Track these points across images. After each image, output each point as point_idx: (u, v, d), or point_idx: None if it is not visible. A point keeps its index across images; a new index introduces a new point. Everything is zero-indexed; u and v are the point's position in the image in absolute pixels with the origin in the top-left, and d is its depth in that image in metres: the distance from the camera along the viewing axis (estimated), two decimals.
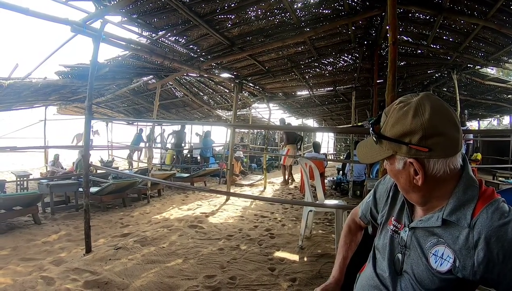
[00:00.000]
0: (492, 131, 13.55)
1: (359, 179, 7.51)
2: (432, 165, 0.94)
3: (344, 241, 1.44)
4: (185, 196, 7.70)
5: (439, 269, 0.96)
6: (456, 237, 0.94)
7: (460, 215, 0.94)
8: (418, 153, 0.93)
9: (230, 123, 9.10)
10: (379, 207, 1.29)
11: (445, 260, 0.95)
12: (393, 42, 2.67)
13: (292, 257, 3.60)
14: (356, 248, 1.43)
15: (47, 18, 3.14)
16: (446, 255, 0.95)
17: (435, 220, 0.99)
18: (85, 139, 3.87)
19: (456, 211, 0.95)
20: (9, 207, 4.98)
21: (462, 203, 0.95)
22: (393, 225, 1.15)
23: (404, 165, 0.98)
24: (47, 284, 2.80)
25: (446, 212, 0.97)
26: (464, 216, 0.93)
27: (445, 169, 0.95)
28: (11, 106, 8.32)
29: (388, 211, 1.21)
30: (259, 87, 8.62)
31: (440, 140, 0.92)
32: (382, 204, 1.27)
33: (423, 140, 0.92)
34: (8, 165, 13.43)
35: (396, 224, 1.14)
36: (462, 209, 0.95)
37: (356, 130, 8.62)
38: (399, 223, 1.13)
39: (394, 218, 1.16)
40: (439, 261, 0.96)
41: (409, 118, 0.94)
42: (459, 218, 0.94)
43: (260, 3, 3.95)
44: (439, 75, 7.82)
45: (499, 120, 16.39)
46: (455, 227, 0.95)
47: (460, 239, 0.93)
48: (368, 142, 1.11)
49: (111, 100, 10.57)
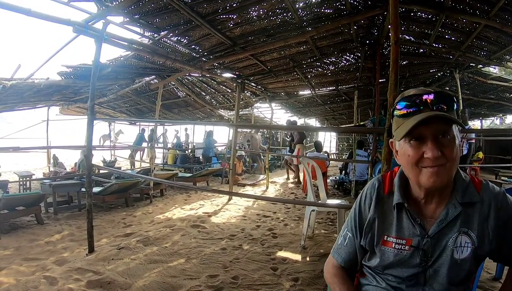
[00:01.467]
0: (494, 131, 13.49)
1: (361, 178, 7.50)
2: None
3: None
4: (187, 196, 7.71)
5: (462, 257, 1.02)
6: (472, 216, 1.04)
7: (471, 194, 1.05)
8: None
9: (233, 123, 9.10)
10: (365, 231, 1.20)
11: (464, 246, 1.02)
12: (395, 41, 2.66)
13: (294, 256, 3.60)
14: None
15: (49, 18, 3.15)
16: (464, 242, 1.02)
17: (453, 209, 1.04)
18: (87, 139, 3.87)
19: (466, 191, 1.06)
20: (12, 207, 5.00)
21: (466, 184, 1.07)
22: (395, 244, 1.10)
23: (458, 138, 1.02)
24: (50, 284, 2.81)
25: (459, 196, 1.05)
26: (473, 194, 1.05)
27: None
28: (14, 106, 8.34)
29: (378, 229, 1.15)
30: (261, 87, 8.62)
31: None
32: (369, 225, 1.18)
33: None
34: (11, 165, 13.44)
35: (399, 241, 1.09)
36: (468, 188, 1.06)
37: (359, 129, 8.60)
38: (402, 239, 1.09)
39: (393, 236, 1.11)
40: (459, 250, 1.02)
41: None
42: (471, 197, 1.05)
43: (262, 3, 3.94)
44: (441, 74, 7.79)
45: (501, 119, 16.32)
46: (469, 208, 1.04)
47: (475, 216, 1.03)
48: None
49: (114, 101, 10.60)
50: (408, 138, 1.01)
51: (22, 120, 13.70)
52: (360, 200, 1.23)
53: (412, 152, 1.01)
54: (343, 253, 1.26)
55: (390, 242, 1.11)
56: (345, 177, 8.62)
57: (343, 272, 1.27)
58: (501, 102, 10.30)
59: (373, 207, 1.17)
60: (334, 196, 7.65)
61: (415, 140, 1.00)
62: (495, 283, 2.83)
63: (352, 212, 1.26)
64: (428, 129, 0.97)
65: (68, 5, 3.40)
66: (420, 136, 0.99)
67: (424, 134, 0.98)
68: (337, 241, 1.31)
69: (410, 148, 1.01)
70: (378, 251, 1.14)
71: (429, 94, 0.99)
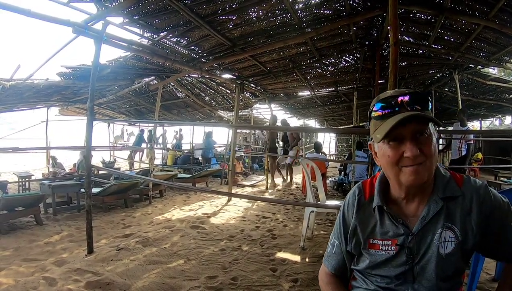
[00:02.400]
0: (494, 132, 13.50)
1: (360, 179, 7.46)
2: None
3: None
4: (186, 197, 7.71)
5: (447, 251, 1.03)
6: (454, 210, 1.05)
7: (452, 189, 1.07)
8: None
9: (232, 124, 9.10)
10: (349, 238, 1.22)
11: (448, 241, 1.03)
12: (395, 42, 2.67)
13: (293, 257, 3.60)
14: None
15: (48, 19, 3.16)
16: (448, 236, 1.04)
17: (435, 205, 1.06)
18: (86, 140, 3.88)
19: (447, 186, 1.08)
20: (11, 207, 4.99)
21: (446, 179, 1.09)
22: (382, 245, 1.12)
23: (434, 135, 1.04)
24: (49, 284, 2.81)
25: (440, 191, 1.07)
26: (454, 188, 1.07)
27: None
28: (13, 107, 8.34)
29: (361, 235, 1.17)
30: (261, 88, 8.62)
31: None
32: (352, 231, 1.21)
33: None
34: (10, 166, 13.45)
35: (385, 242, 1.11)
36: (449, 183, 1.08)
37: (358, 131, 8.61)
38: (388, 240, 1.11)
39: (378, 238, 1.13)
40: (444, 245, 1.03)
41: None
42: (452, 192, 1.07)
43: (262, 4, 3.94)
44: (440, 76, 7.80)
45: (501, 120, 16.35)
46: (451, 202, 1.06)
47: (457, 211, 1.05)
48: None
49: (113, 101, 10.60)
50: (387, 140, 1.03)
51: (22, 120, 13.68)
52: (343, 207, 1.26)
53: (392, 152, 1.03)
54: (332, 260, 1.29)
55: (376, 245, 1.13)
56: (345, 177, 8.62)
57: (335, 279, 1.29)
58: (500, 103, 10.31)
59: (355, 214, 1.20)
60: (333, 197, 7.65)
61: (393, 141, 1.02)
62: (494, 284, 2.83)
63: (337, 220, 1.28)
64: (406, 130, 1.00)
65: (68, 5, 3.40)
66: (398, 137, 1.01)
67: (402, 135, 1.01)
68: (327, 249, 1.33)
69: (389, 149, 1.03)
70: (365, 253, 1.17)
71: (404, 96, 1.02)
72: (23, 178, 8.19)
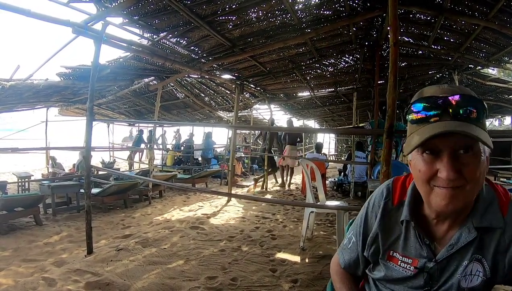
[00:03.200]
0: (493, 132, 13.50)
1: (360, 179, 7.50)
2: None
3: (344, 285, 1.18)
4: (186, 197, 7.70)
5: (470, 285, 0.88)
6: (488, 242, 0.87)
7: (491, 218, 0.87)
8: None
9: (231, 125, 9.09)
10: (368, 244, 1.08)
11: (475, 275, 0.88)
12: (394, 43, 2.67)
13: (293, 258, 3.60)
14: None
15: (48, 19, 3.16)
16: (475, 270, 0.88)
17: (466, 234, 0.88)
18: (86, 140, 3.87)
19: (487, 214, 0.87)
20: (11, 208, 4.99)
21: (487, 204, 0.88)
22: (401, 261, 0.99)
23: (484, 152, 0.81)
24: (48, 285, 2.80)
25: (475, 219, 0.87)
26: (496, 217, 0.87)
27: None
28: (13, 107, 8.33)
29: (382, 243, 1.03)
30: (260, 89, 8.62)
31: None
32: (372, 238, 1.07)
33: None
34: (10, 166, 13.43)
35: (405, 259, 0.98)
36: (490, 210, 0.88)
37: (358, 131, 8.62)
38: (408, 258, 0.97)
39: (399, 252, 1.00)
40: (469, 278, 0.88)
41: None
42: (491, 222, 0.86)
43: (261, 4, 3.95)
44: (440, 76, 7.80)
45: (500, 120, 16.35)
46: (488, 233, 0.88)
47: (492, 244, 0.87)
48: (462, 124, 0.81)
49: (113, 102, 10.59)
50: (421, 150, 0.83)
51: (21, 121, 13.68)
52: (368, 206, 1.10)
53: (424, 167, 0.83)
54: (346, 255, 1.17)
55: (396, 258, 1.00)
56: (344, 178, 8.62)
57: (345, 271, 1.20)
58: (500, 103, 10.31)
59: (379, 220, 1.04)
60: (333, 197, 7.65)
61: (429, 153, 0.82)
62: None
63: (359, 217, 1.14)
64: (446, 141, 0.79)
65: (68, 6, 3.40)
66: (435, 149, 0.81)
67: (440, 147, 0.80)
68: (344, 239, 1.22)
69: (422, 162, 0.84)
70: (382, 264, 1.04)
71: (454, 95, 0.80)
72: (23, 178, 8.18)
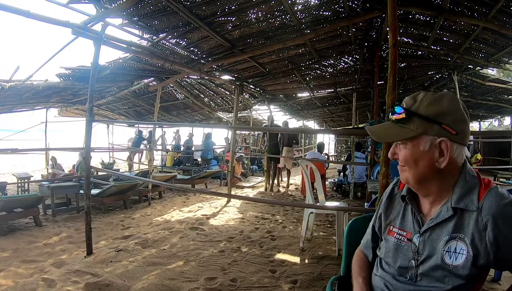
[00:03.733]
0: (493, 133, 13.53)
1: (360, 180, 7.51)
2: (455, 148, 1.03)
3: (359, 266, 1.33)
4: (186, 198, 7.70)
5: (455, 263, 0.99)
6: (467, 223, 1.00)
7: (468, 201, 1.01)
8: (447, 134, 1.02)
9: (231, 125, 9.09)
10: (376, 222, 1.32)
11: (459, 253, 0.99)
12: (394, 43, 2.67)
13: (293, 259, 3.59)
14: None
15: (48, 20, 3.15)
16: (460, 248, 0.99)
17: (445, 212, 1.04)
18: (86, 141, 3.87)
19: (463, 197, 1.02)
20: (10, 208, 4.98)
21: (466, 189, 1.03)
22: (397, 234, 1.17)
23: (431, 146, 1.04)
24: (48, 286, 2.80)
25: (453, 200, 1.03)
26: (471, 201, 1.00)
27: (461, 156, 1.05)
28: (13, 108, 8.34)
29: (384, 221, 1.25)
30: (260, 89, 8.62)
31: (465, 128, 1.04)
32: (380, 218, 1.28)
33: (455, 123, 1.02)
34: (9, 167, 13.43)
35: (401, 232, 1.16)
36: (468, 195, 1.02)
37: (357, 132, 8.61)
38: (404, 231, 1.15)
39: (397, 226, 1.18)
40: (454, 256, 1.00)
41: (445, 101, 1.04)
42: (467, 204, 1.01)
43: (261, 5, 3.95)
44: (439, 77, 7.82)
45: (500, 121, 16.40)
46: (465, 214, 1.01)
47: (471, 224, 0.99)
48: (387, 124, 1.15)
49: (112, 102, 10.59)
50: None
51: (21, 122, 13.67)
52: (385, 192, 1.32)
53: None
54: (365, 237, 1.38)
55: (393, 232, 1.19)
56: (344, 179, 8.62)
57: (362, 254, 1.36)
58: (499, 104, 10.33)
59: (384, 200, 1.28)
60: (332, 198, 7.66)
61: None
62: (494, 284, 2.83)
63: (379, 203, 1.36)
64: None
65: (67, 7, 3.40)
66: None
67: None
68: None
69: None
70: (383, 239, 1.22)
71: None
72: (22, 179, 8.18)
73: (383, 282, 1.17)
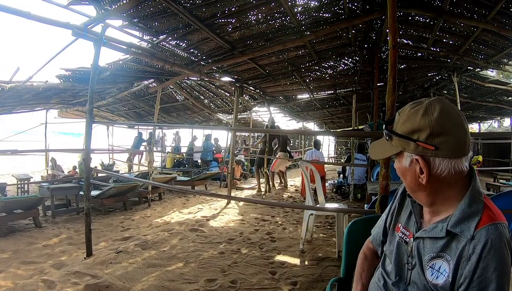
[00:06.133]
0: (493, 134, 13.53)
1: (360, 182, 7.50)
2: (438, 164, 0.97)
3: (362, 268, 1.35)
4: (186, 200, 7.69)
5: (434, 282, 0.98)
6: (456, 247, 0.96)
7: (464, 227, 0.95)
8: (424, 151, 0.97)
9: (231, 127, 9.09)
10: (389, 217, 1.30)
11: (441, 273, 0.97)
12: (393, 45, 2.67)
13: (293, 260, 3.59)
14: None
15: (48, 22, 3.16)
16: (443, 269, 0.97)
17: (439, 230, 1.00)
18: (86, 143, 3.87)
19: (461, 223, 0.96)
20: (10, 210, 4.98)
21: (467, 215, 0.96)
22: (401, 232, 1.16)
23: (411, 163, 1.02)
24: (48, 287, 2.80)
25: (451, 223, 0.98)
26: (468, 228, 0.94)
27: (450, 170, 0.97)
28: (12, 109, 8.34)
29: (395, 216, 1.24)
30: (260, 91, 8.63)
31: (447, 140, 0.95)
32: (393, 213, 1.27)
33: (430, 138, 0.96)
34: (9, 168, 13.44)
35: (404, 231, 1.15)
36: (466, 221, 0.95)
37: (357, 133, 8.62)
38: (407, 231, 1.14)
39: (402, 225, 1.18)
40: (435, 274, 0.98)
41: (418, 116, 0.98)
42: (463, 230, 0.95)
43: (261, 7, 3.95)
44: (439, 78, 7.83)
45: (499, 122, 16.41)
46: (458, 239, 0.96)
47: (459, 249, 0.95)
48: (381, 141, 1.15)
49: (112, 104, 10.59)
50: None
51: (21, 123, 13.67)
52: (398, 190, 1.30)
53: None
54: (375, 230, 1.37)
55: (399, 228, 1.19)
56: (344, 180, 8.62)
57: (370, 252, 1.37)
58: (499, 105, 10.35)
59: (399, 196, 1.26)
60: (332, 199, 7.64)
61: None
62: None
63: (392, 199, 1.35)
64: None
65: (67, 8, 3.40)
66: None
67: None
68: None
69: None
70: (390, 236, 1.23)
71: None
72: (22, 180, 8.17)
73: (381, 283, 1.18)
